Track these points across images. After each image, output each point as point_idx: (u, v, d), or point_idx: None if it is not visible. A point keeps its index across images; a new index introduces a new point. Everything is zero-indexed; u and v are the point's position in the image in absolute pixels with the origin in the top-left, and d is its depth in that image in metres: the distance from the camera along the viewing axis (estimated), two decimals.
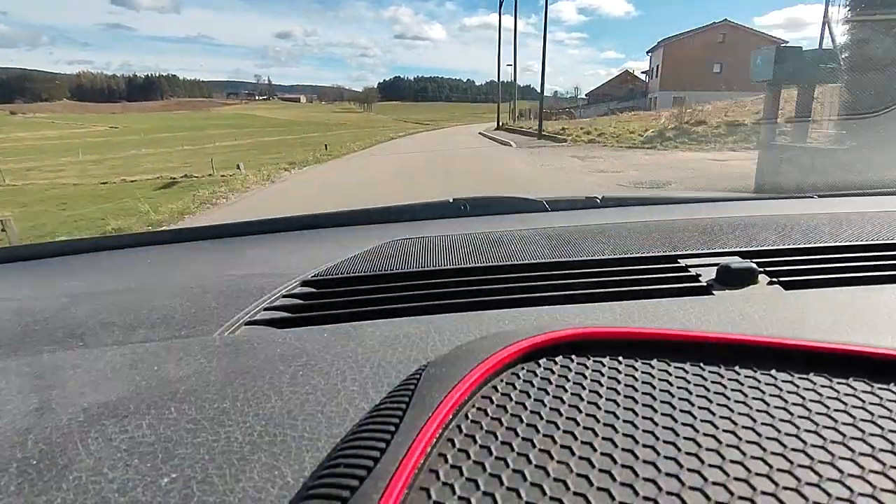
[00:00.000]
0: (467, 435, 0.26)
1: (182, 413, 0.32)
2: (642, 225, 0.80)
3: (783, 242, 0.66)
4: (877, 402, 0.27)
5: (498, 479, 0.23)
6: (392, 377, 0.35)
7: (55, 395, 0.35)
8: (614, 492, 0.22)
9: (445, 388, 0.28)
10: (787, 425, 0.26)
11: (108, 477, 0.27)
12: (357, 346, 0.40)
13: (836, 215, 0.79)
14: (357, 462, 0.24)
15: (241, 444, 0.29)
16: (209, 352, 0.41)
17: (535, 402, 0.28)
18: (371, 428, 0.26)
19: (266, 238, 0.91)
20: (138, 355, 0.41)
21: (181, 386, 0.35)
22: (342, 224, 0.99)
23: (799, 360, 0.31)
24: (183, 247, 0.89)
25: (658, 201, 1.12)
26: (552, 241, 0.72)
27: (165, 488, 0.26)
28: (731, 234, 0.71)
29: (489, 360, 0.31)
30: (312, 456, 0.28)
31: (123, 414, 0.32)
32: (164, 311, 0.52)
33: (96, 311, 0.54)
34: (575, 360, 0.32)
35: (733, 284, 0.53)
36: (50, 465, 0.28)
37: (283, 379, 0.36)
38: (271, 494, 0.25)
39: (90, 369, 0.39)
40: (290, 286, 0.58)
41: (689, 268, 0.59)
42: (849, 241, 0.65)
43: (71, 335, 0.48)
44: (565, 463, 0.24)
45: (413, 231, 0.85)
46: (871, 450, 0.24)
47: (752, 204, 1.05)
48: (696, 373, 0.31)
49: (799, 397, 0.28)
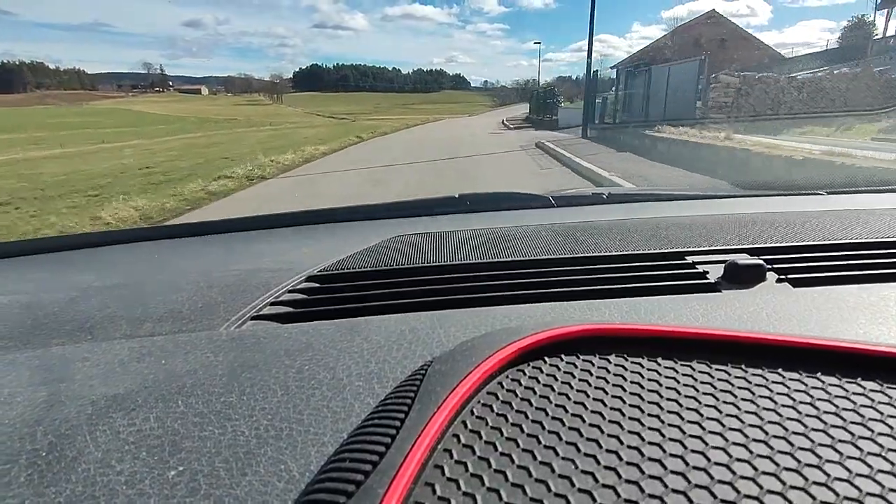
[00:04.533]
0: (472, 430, 0.26)
1: (189, 406, 0.32)
2: (649, 221, 0.79)
3: (792, 240, 0.65)
4: (886, 401, 0.27)
5: (503, 474, 0.23)
6: (397, 373, 0.35)
7: (64, 388, 0.35)
8: (620, 489, 0.22)
9: (451, 384, 0.28)
10: (796, 424, 0.25)
11: (115, 469, 0.27)
12: (362, 342, 0.40)
13: (846, 212, 0.79)
14: (362, 457, 0.23)
15: (247, 437, 0.29)
16: (215, 346, 0.41)
17: (541, 399, 0.28)
18: (376, 423, 0.26)
19: (271, 233, 0.92)
20: (146, 349, 0.41)
21: (188, 379, 0.36)
22: (347, 219, 0.99)
23: (807, 358, 0.31)
24: (189, 241, 0.90)
25: (665, 197, 1.10)
26: (558, 238, 0.71)
27: (172, 481, 0.26)
28: (739, 230, 0.70)
29: (495, 356, 0.30)
30: (318, 450, 0.28)
31: (131, 407, 0.33)
32: (170, 305, 0.53)
33: (104, 304, 0.54)
34: (581, 357, 0.32)
35: (741, 282, 0.53)
36: (59, 457, 0.28)
37: (289, 374, 0.36)
38: (277, 488, 0.25)
39: (98, 362, 0.39)
40: (295, 281, 0.58)
41: (696, 265, 0.59)
42: (858, 238, 0.65)
43: (79, 328, 0.48)
44: (570, 459, 0.23)
45: (418, 227, 0.85)
46: (881, 449, 0.23)
47: (761, 201, 1.05)
48: (703, 370, 0.30)
49: (807, 396, 0.28)
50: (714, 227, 0.72)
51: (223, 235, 0.91)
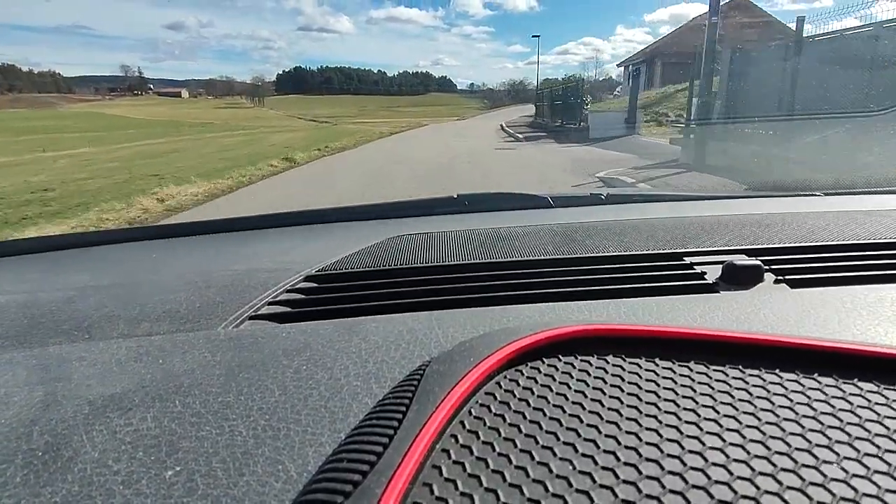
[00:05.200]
0: (470, 431, 0.26)
1: (186, 406, 0.32)
2: (647, 222, 0.79)
3: (789, 240, 0.65)
4: (883, 402, 0.27)
5: (501, 474, 0.23)
6: (395, 373, 0.35)
7: (61, 388, 0.35)
8: (617, 490, 0.22)
9: (448, 384, 0.28)
10: (793, 424, 0.26)
11: (112, 469, 0.27)
12: (360, 342, 0.40)
13: (843, 213, 0.79)
14: (360, 457, 0.23)
15: (244, 437, 0.29)
16: (213, 346, 0.41)
17: (539, 399, 0.28)
18: (374, 423, 0.26)
19: (269, 233, 0.91)
20: (143, 348, 0.41)
21: (185, 379, 0.35)
22: (346, 219, 0.98)
23: (804, 359, 0.31)
24: (187, 241, 0.89)
25: (663, 198, 1.10)
26: (556, 238, 0.71)
27: (170, 481, 0.26)
28: (737, 231, 0.70)
29: (492, 356, 0.30)
30: (315, 450, 0.28)
31: (128, 407, 0.32)
32: (168, 304, 0.52)
33: (102, 304, 0.54)
34: (579, 357, 0.32)
35: (739, 283, 0.53)
36: (55, 457, 0.28)
37: (287, 373, 0.36)
38: (274, 488, 0.25)
39: (95, 362, 0.39)
40: (293, 281, 0.58)
41: (694, 265, 0.59)
42: (855, 239, 0.65)
43: (77, 328, 0.48)
44: (568, 460, 0.23)
45: (417, 227, 0.84)
46: (877, 450, 0.23)
47: (758, 202, 1.04)
48: (701, 371, 0.30)
49: (804, 397, 0.28)
50: (712, 227, 0.73)
51: (221, 235, 0.91)
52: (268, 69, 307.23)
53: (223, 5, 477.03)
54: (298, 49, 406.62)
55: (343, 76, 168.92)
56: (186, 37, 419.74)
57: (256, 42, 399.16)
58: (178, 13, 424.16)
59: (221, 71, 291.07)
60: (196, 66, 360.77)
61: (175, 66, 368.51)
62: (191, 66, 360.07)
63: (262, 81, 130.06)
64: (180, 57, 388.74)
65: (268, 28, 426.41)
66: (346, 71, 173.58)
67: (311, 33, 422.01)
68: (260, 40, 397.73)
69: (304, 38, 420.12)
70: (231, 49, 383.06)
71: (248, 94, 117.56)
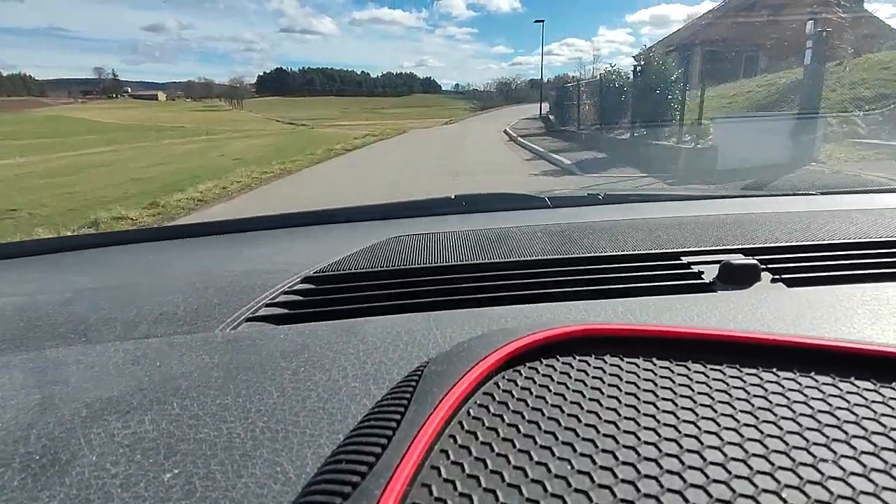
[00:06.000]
0: (469, 431, 0.26)
1: (184, 409, 0.32)
2: (644, 222, 0.79)
3: (786, 240, 0.65)
4: (880, 400, 0.27)
5: (499, 475, 0.23)
6: (394, 374, 0.35)
7: (58, 391, 0.35)
8: (616, 489, 0.22)
9: (447, 385, 0.28)
10: (790, 423, 0.26)
11: (110, 472, 0.27)
12: (359, 343, 0.40)
13: (839, 212, 0.79)
14: (359, 458, 0.23)
15: (242, 440, 0.29)
16: (211, 348, 0.41)
17: (537, 399, 0.28)
18: (373, 424, 0.26)
19: (267, 234, 0.91)
20: (141, 351, 0.41)
21: (183, 382, 0.35)
22: (343, 220, 0.98)
23: (802, 358, 0.31)
24: (184, 243, 0.89)
25: (660, 198, 1.10)
26: (554, 238, 0.71)
27: (168, 484, 0.26)
28: (734, 231, 0.70)
29: (491, 356, 0.30)
30: (314, 452, 0.28)
31: (126, 409, 0.32)
32: (166, 306, 0.52)
33: (99, 306, 0.53)
34: (577, 357, 0.32)
35: (736, 282, 0.53)
36: (53, 461, 0.28)
37: (285, 375, 0.36)
38: (273, 490, 0.25)
39: (93, 365, 0.39)
40: (291, 282, 0.58)
41: (691, 265, 0.59)
42: (851, 238, 0.65)
43: (74, 330, 0.48)
44: (567, 460, 0.23)
45: (415, 227, 0.84)
46: (874, 448, 0.23)
47: (755, 201, 1.05)
48: (699, 370, 0.30)
49: (802, 395, 0.28)
50: (709, 227, 0.73)
51: (218, 237, 0.91)
52: (249, 71, 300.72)
53: (204, 7, 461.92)
54: (281, 51, 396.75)
55: (325, 77, 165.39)
56: (167, 39, 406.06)
57: (238, 44, 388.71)
58: (157, 15, 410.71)
59: (203, 73, 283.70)
60: (176, 69, 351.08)
61: (155, 68, 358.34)
62: (171, 69, 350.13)
63: (240, 83, 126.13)
64: (160, 59, 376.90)
65: (250, 30, 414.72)
66: (328, 72, 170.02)
67: (293, 35, 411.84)
68: (242, 42, 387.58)
69: (286, 40, 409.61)
70: (213, 51, 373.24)
71: (226, 96, 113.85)
